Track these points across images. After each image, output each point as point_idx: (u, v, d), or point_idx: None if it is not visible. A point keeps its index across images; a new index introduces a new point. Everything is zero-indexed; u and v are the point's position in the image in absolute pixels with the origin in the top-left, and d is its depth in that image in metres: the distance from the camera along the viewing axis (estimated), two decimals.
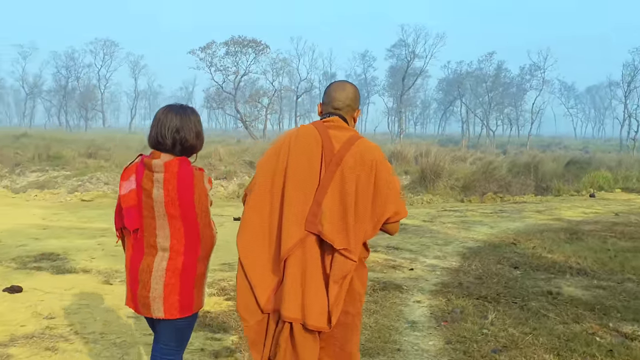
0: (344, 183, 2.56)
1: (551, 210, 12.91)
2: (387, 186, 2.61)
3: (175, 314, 2.70)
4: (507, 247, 8.46)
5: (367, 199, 2.58)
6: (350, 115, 2.80)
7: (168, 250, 2.69)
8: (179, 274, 2.69)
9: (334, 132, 2.66)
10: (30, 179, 28.41)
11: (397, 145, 40.36)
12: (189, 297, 2.72)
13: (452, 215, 11.98)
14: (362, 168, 2.58)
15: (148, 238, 2.72)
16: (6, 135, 47.35)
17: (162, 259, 2.69)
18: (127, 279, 2.82)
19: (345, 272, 2.52)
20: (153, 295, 2.67)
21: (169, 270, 2.68)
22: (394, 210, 2.62)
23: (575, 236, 9.34)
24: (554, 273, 6.98)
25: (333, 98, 2.76)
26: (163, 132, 2.69)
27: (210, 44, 54.79)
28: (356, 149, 2.61)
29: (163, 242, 2.69)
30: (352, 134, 2.68)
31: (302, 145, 2.63)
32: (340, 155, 2.59)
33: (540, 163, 25.50)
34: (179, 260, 2.69)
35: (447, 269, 7.18)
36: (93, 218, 11.79)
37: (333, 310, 2.52)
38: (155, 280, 2.67)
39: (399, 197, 2.65)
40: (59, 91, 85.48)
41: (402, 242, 8.75)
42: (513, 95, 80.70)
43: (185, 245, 2.69)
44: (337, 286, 2.52)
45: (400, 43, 74.44)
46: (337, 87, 2.80)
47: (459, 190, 22.64)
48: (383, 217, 2.61)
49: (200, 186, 2.70)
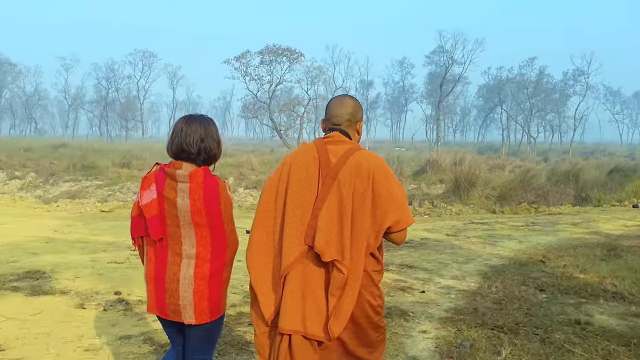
0: (341, 195, 2.59)
1: (588, 222, 11.90)
2: (387, 195, 2.61)
3: (206, 319, 2.79)
4: (534, 265, 7.64)
5: (364, 209, 2.59)
6: (353, 128, 2.85)
7: (194, 257, 2.76)
8: (207, 281, 2.76)
9: (332, 147, 2.72)
10: (63, 188, 28.68)
11: (432, 153, 39.47)
12: (217, 302, 2.81)
13: (479, 229, 11.12)
14: (358, 179, 2.61)
15: (173, 246, 2.77)
16: (45, 145, 48.18)
17: (189, 267, 2.75)
18: (150, 288, 2.84)
19: (338, 284, 2.54)
20: (184, 303, 2.75)
21: (197, 277, 2.75)
22: (394, 219, 2.60)
23: (613, 253, 8.44)
24: (585, 297, 6.17)
25: (332, 115, 2.82)
26: (188, 141, 2.76)
27: (245, 53, 54.74)
28: (353, 161, 2.64)
29: (189, 249, 2.76)
30: (350, 147, 2.72)
31: (301, 162, 2.70)
32: (336, 169, 2.63)
33: (581, 171, 24.27)
34: (205, 267, 2.76)
35: (464, 291, 6.43)
36: (105, 230, 11.40)
37: (332, 320, 2.54)
38: (183, 288, 2.74)
39: (401, 205, 2.63)
40: (100, 102, 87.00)
41: (418, 260, 8.02)
42: (556, 101, 78.68)
43: (212, 252, 2.77)
44: (335, 299, 2.55)
45: (439, 49, 73.39)
46: (336, 103, 2.84)
47: (494, 200, 21.74)
48: (383, 227, 2.60)
49: (225, 195, 2.78)
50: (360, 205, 2.59)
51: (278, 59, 55.83)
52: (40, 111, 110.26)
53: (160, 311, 2.83)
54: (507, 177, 26.13)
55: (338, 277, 2.53)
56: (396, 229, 2.63)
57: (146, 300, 2.92)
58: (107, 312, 5.35)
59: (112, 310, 5.40)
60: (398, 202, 2.62)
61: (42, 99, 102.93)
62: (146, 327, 4.95)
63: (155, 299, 2.83)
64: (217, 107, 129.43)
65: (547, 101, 78.23)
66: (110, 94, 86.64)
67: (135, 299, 5.75)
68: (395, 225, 2.61)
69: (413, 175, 32.55)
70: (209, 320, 2.81)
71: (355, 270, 2.57)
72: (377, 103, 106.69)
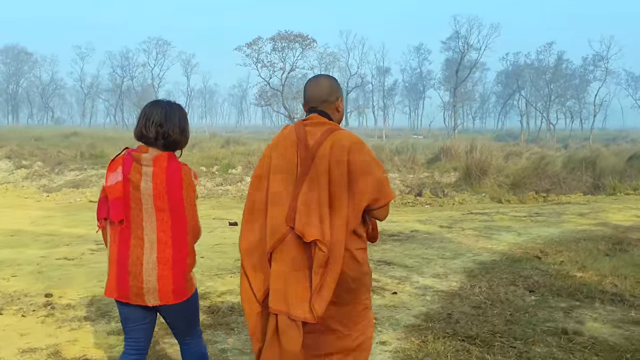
0: (318, 176, 2.62)
1: (597, 212, 10.97)
2: (363, 172, 2.61)
3: (170, 301, 2.77)
4: (528, 261, 6.88)
5: (341, 188, 2.60)
6: (331, 108, 2.82)
7: (155, 242, 2.75)
8: (171, 266, 2.75)
9: (310, 129, 2.73)
10: (67, 177, 28.36)
11: (446, 141, 38.43)
12: (181, 285, 2.79)
13: (477, 220, 10.31)
14: (334, 159, 2.61)
15: (135, 230, 2.76)
16: (57, 134, 48.01)
17: (152, 251, 2.74)
18: (112, 270, 2.81)
19: (320, 262, 2.55)
20: (147, 287, 2.73)
21: (160, 262, 2.74)
22: (372, 197, 2.62)
23: (618, 247, 7.64)
24: (579, 300, 5.43)
25: (309, 97, 2.83)
26: (147, 125, 2.77)
27: (257, 39, 53.98)
28: (329, 142, 2.65)
29: (150, 234, 2.75)
30: (328, 128, 2.72)
31: (280, 147, 2.74)
32: (313, 150, 2.65)
33: (598, 158, 23.23)
34: (167, 252, 2.75)
35: (442, 292, 5.72)
36: (83, 222, 10.86)
37: (315, 301, 2.55)
38: (147, 272, 2.73)
39: (379, 182, 2.63)
40: (115, 91, 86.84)
41: (399, 256, 7.29)
42: (576, 87, 76.87)
43: (173, 237, 2.76)
44: (318, 277, 2.56)
45: (454, 35, 71.94)
46: (310, 85, 2.85)
47: (507, 188, 20.92)
48: (361, 205, 2.62)
49: (188, 181, 2.79)
50: (337, 184, 2.60)
51: (290, 45, 55.05)
52: (57, 100, 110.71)
53: (121, 294, 2.78)
54: (522, 164, 25.22)
55: (320, 256, 2.55)
56: (376, 206, 2.65)
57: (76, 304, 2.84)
58: (24, 319, 4.74)
59: (32, 317, 4.79)
60: (375, 179, 2.62)
61: (59, 88, 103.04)
62: (61, 338, 4.33)
63: (116, 281, 2.78)
64: (234, 95, 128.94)
65: (567, 87, 76.47)
66: (125, 82, 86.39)
67: (64, 303, 5.12)
68: (374, 203, 2.63)
69: (427, 163, 31.73)
70: (174, 302, 2.79)
71: (336, 248, 2.57)
72: (395, 90, 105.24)
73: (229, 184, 25.57)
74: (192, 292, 2.89)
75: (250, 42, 53.80)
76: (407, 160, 32.25)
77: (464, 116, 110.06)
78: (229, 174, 29.11)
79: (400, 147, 44.60)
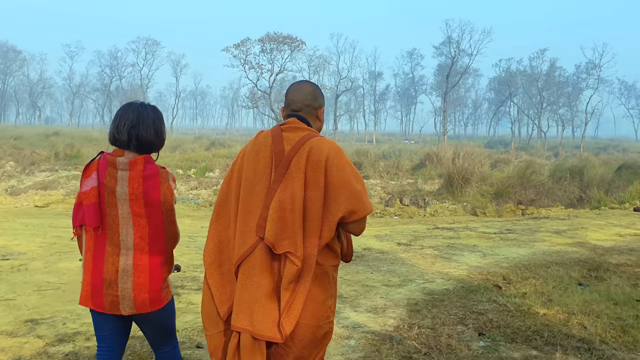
0: (293, 184, 2.45)
1: (575, 230, 9.97)
2: (340, 183, 2.42)
3: (146, 309, 2.67)
4: (487, 292, 5.85)
5: (316, 198, 2.43)
6: (313, 114, 2.69)
7: (132, 248, 2.65)
8: (147, 273, 2.66)
9: (288, 135, 2.57)
10: (37, 179, 27.54)
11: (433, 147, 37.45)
12: (157, 293, 2.70)
13: (441, 236, 9.26)
14: (310, 167, 2.45)
15: (111, 236, 2.66)
16: (37, 134, 46.91)
17: (128, 258, 2.65)
18: (86, 278, 2.70)
19: (291, 277, 2.37)
20: (122, 294, 2.64)
21: (136, 269, 2.65)
22: (348, 208, 2.40)
23: (594, 274, 6.65)
24: (537, 347, 4.42)
25: (290, 100, 2.69)
26: (120, 128, 2.68)
27: (245, 40, 53.11)
28: (306, 148, 2.48)
29: (127, 240, 2.65)
30: (306, 134, 2.56)
31: (254, 152, 2.57)
32: (289, 157, 2.49)
33: (586, 167, 22.34)
34: (144, 258, 2.66)
35: (373, 334, 4.68)
36: (11, 231, 9.79)
37: (284, 319, 2.36)
38: (122, 279, 2.64)
39: (355, 194, 2.42)
40: (104, 90, 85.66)
41: (338, 282, 6.27)
42: (568, 95, 76.20)
43: (150, 243, 2.67)
44: (288, 293, 2.38)
45: (447, 40, 71.17)
46: (294, 89, 2.72)
47: (490, 198, 20.05)
48: (336, 217, 2.41)
49: (165, 185, 2.69)
50: (312, 194, 2.43)
51: (279, 47, 54.15)
52: (45, 99, 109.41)
53: (95, 303, 2.68)
54: (508, 172, 24.34)
55: (292, 270, 2.37)
56: (351, 219, 2.43)
57: None
58: None
59: None
60: (352, 191, 2.42)
61: (48, 87, 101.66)
62: None
63: (90, 291, 2.69)
64: (227, 97, 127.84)
65: (560, 95, 75.85)
66: (113, 82, 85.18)
67: None
68: (350, 216, 2.42)
69: (412, 169, 30.87)
70: (150, 310, 2.68)
71: (307, 263, 2.39)
72: (387, 95, 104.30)
73: (204, 187, 24.59)
74: (169, 300, 2.79)
75: (238, 43, 52.98)
76: (391, 166, 31.38)
77: (456, 122, 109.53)
78: (206, 177, 28.16)
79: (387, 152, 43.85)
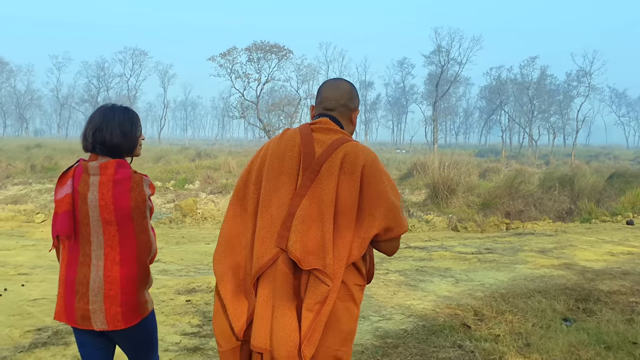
0: (322, 192, 2.19)
1: (563, 248, 9.07)
2: (377, 196, 2.18)
3: (120, 325, 2.49)
4: (452, 333, 4.92)
5: (349, 211, 2.17)
6: (346, 116, 2.42)
7: (102, 259, 2.49)
8: (119, 285, 2.48)
9: (319, 136, 2.31)
10: (9, 192, 26.74)
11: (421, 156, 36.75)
12: (132, 307, 2.51)
13: (411, 257, 8.31)
14: (344, 175, 2.20)
15: (83, 246, 2.51)
16: (18, 146, 45.96)
17: (98, 269, 2.48)
18: (60, 291, 2.55)
19: (319, 298, 2.09)
20: (93, 308, 2.47)
21: (107, 281, 2.48)
22: (384, 225, 2.17)
23: (582, 305, 5.76)
24: None
25: (324, 97, 2.42)
26: (86, 132, 2.56)
27: (231, 49, 52.33)
28: (340, 153, 2.23)
29: (97, 250, 2.50)
30: (339, 137, 2.31)
31: (279, 152, 2.30)
32: (320, 161, 2.23)
33: (577, 176, 21.61)
34: (115, 269, 2.49)
35: None
36: None
37: (305, 343, 2.08)
38: (93, 292, 2.47)
39: (392, 210, 2.19)
40: (91, 101, 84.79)
41: None
42: (559, 102, 75.87)
43: (121, 253, 2.50)
44: (312, 314, 2.09)
45: (437, 49, 70.82)
46: (330, 86, 2.45)
47: (477, 209, 19.26)
48: (370, 233, 2.16)
49: (138, 190, 2.52)
50: (344, 205, 2.17)
51: (266, 56, 53.40)
52: (34, 111, 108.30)
53: (68, 317, 2.50)
54: (497, 181, 23.59)
55: (321, 290, 2.09)
56: (386, 237, 2.20)
57: None
58: None
59: None
60: (389, 205, 2.18)
61: (36, 99, 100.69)
62: None
63: (64, 304, 2.51)
64: (218, 107, 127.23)
65: (551, 103, 75.52)
66: (100, 93, 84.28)
67: None
68: (385, 233, 2.19)
69: (400, 179, 30.07)
70: (123, 327, 2.47)
71: (334, 282, 2.12)
72: (378, 104, 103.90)
73: (181, 199, 23.67)
74: (145, 315, 2.58)
75: (224, 52, 52.14)
76: None
77: (447, 131, 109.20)
78: (185, 189, 27.24)
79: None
